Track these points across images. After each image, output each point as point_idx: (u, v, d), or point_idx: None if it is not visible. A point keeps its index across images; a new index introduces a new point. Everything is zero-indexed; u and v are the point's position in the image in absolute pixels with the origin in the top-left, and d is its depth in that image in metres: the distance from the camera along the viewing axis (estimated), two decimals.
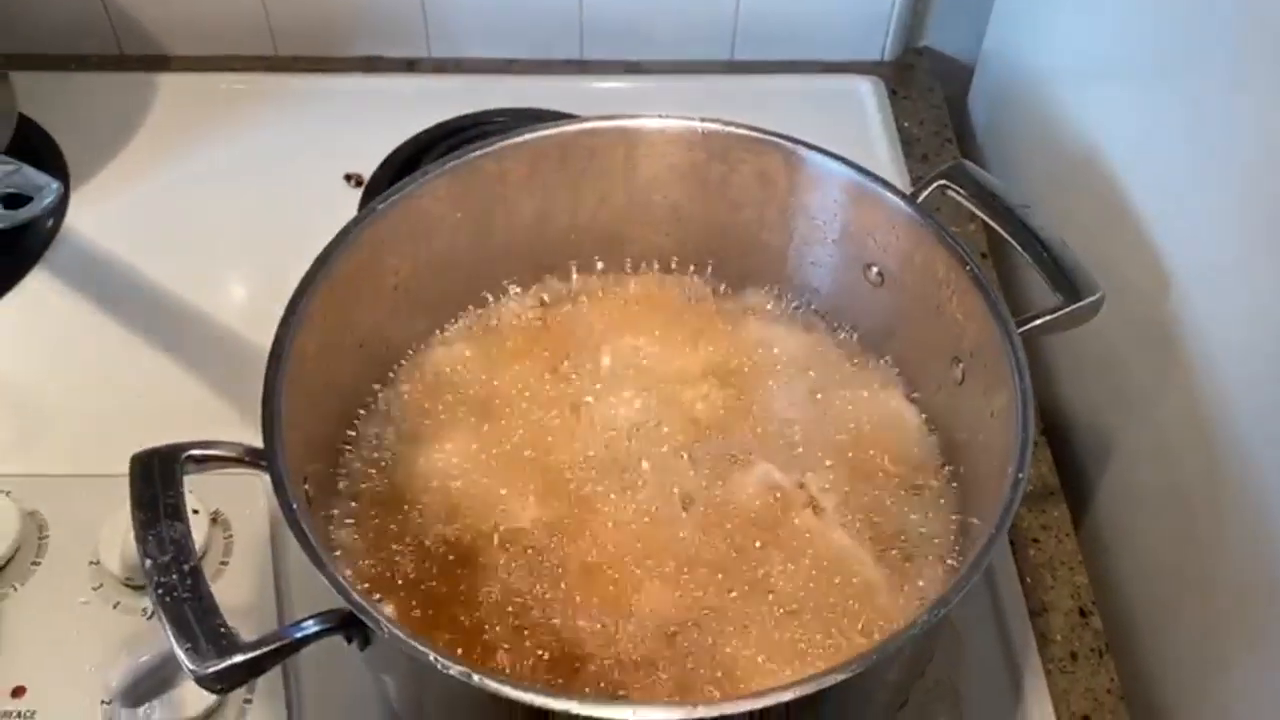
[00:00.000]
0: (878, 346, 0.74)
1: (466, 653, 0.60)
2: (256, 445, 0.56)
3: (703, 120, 0.71)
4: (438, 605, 0.62)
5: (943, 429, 0.69)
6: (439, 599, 0.62)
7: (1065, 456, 0.83)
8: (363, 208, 0.74)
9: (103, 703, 0.65)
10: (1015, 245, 0.67)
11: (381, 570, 0.63)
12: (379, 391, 0.71)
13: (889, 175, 0.70)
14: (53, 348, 0.85)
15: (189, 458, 0.56)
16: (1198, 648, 0.70)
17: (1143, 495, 0.76)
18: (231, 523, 0.73)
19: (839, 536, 0.65)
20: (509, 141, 0.70)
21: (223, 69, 1.04)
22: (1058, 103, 0.87)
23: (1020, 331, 0.62)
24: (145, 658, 0.66)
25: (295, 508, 0.54)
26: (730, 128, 0.71)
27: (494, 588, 0.62)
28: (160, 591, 0.51)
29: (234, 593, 0.70)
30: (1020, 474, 0.55)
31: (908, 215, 0.68)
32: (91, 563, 0.70)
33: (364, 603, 0.51)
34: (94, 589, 0.70)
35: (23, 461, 0.76)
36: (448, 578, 0.63)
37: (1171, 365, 0.71)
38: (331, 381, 0.66)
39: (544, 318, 0.75)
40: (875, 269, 0.71)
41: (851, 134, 0.98)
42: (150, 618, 0.69)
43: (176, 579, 0.51)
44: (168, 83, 1.02)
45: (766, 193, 0.73)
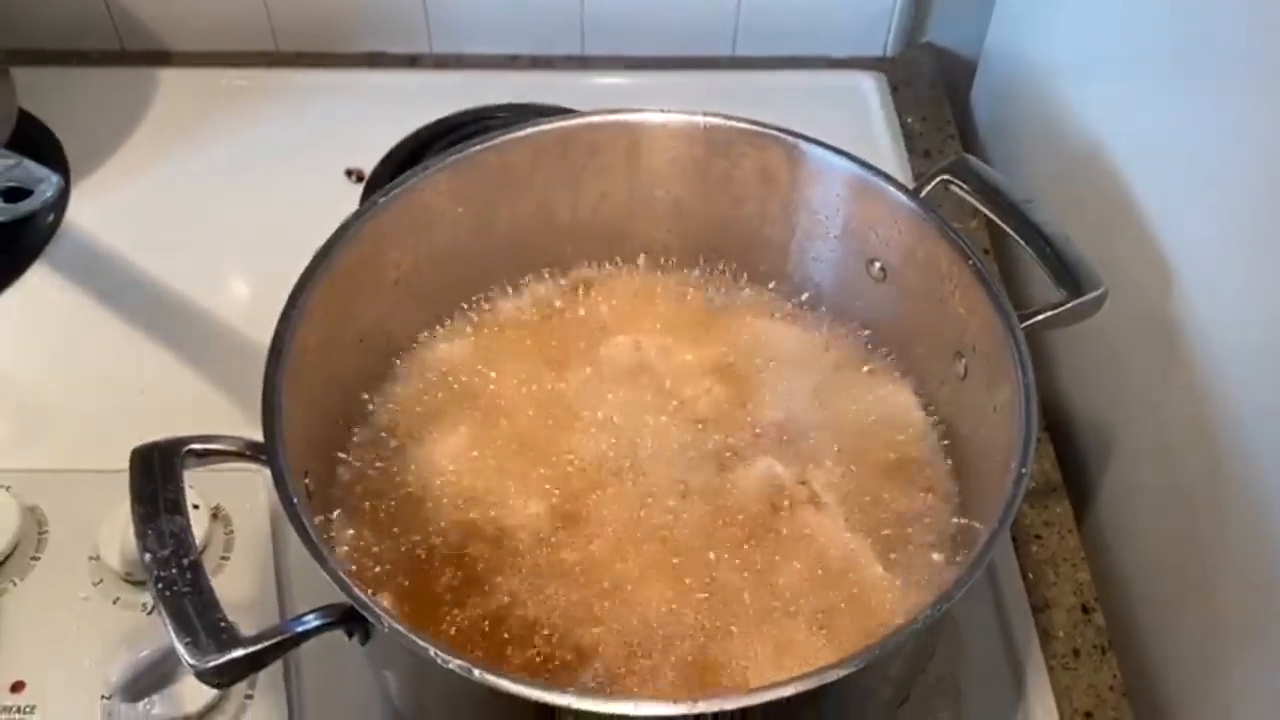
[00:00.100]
0: (880, 342, 0.73)
1: (467, 647, 0.60)
2: (258, 440, 0.56)
3: (705, 115, 0.71)
4: (438, 599, 0.62)
5: (945, 424, 0.69)
6: (439, 593, 0.62)
7: (1068, 453, 0.83)
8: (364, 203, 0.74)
9: (102, 698, 0.65)
10: (1018, 240, 0.67)
11: (382, 565, 0.63)
12: (380, 387, 0.71)
13: (891, 171, 0.70)
14: (53, 343, 0.84)
15: (189, 452, 0.55)
16: (1200, 645, 0.70)
17: (1145, 492, 0.76)
18: (232, 518, 0.72)
19: (841, 532, 0.65)
20: (510, 135, 0.70)
21: (224, 65, 1.04)
22: (1061, 98, 0.86)
23: (1023, 327, 0.61)
24: (145, 653, 0.66)
25: (295, 502, 0.54)
26: (732, 122, 0.71)
27: (494, 582, 0.62)
28: (160, 586, 0.50)
29: (235, 588, 0.70)
30: (1023, 469, 0.55)
31: (910, 210, 0.67)
32: (91, 558, 0.70)
33: (364, 597, 0.51)
34: (94, 584, 0.69)
35: (23, 456, 0.76)
36: (448, 572, 0.63)
37: (1174, 362, 0.71)
38: (332, 376, 0.66)
39: (545, 313, 0.75)
40: (877, 264, 0.71)
41: (854, 130, 0.98)
42: (150, 613, 0.68)
43: (176, 573, 0.51)
44: (168, 78, 1.02)
45: (768, 187, 0.72)
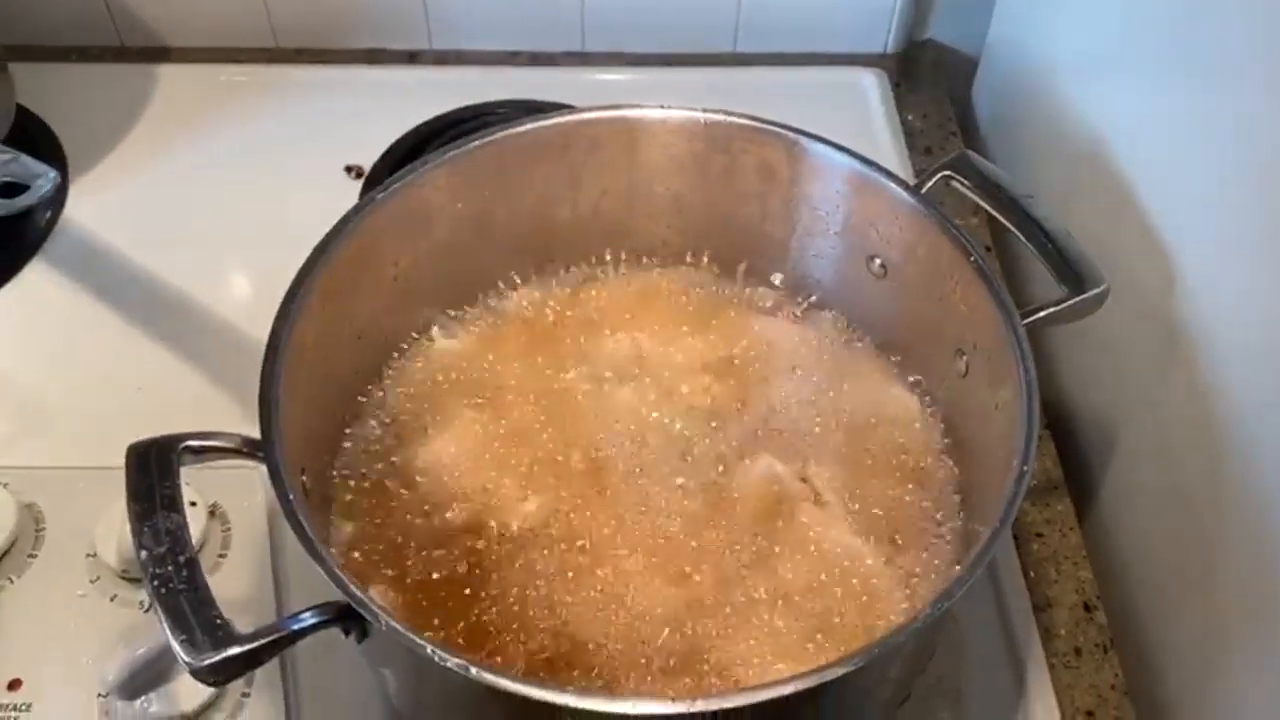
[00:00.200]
0: (881, 339, 0.73)
1: (465, 645, 0.60)
2: (255, 437, 0.56)
3: (705, 111, 0.71)
4: (436, 597, 0.62)
5: (946, 422, 0.69)
6: (437, 591, 0.62)
7: (1069, 450, 0.82)
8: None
9: (99, 696, 0.65)
10: (1020, 236, 0.66)
11: (379, 562, 0.63)
12: (378, 383, 0.71)
13: (892, 169, 0.70)
14: (50, 340, 0.84)
15: (186, 448, 0.55)
16: (1201, 643, 0.70)
17: (1146, 490, 0.76)
18: (230, 515, 0.72)
19: (841, 529, 0.64)
20: (510, 132, 0.70)
21: (223, 62, 1.03)
22: (1063, 96, 0.86)
23: (1025, 323, 0.61)
24: (142, 650, 0.65)
25: (292, 499, 0.54)
26: (733, 118, 0.70)
27: (492, 580, 0.62)
28: (156, 583, 0.50)
29: (232, 585, 0.69)
30: (1025, 467, 0.55)
31: (911, 206, 0.67)
32: (88, 555, 0.70)
33: (361, 595, 0.51)
34: (91, 582, 0.69)
35: (20, 453, 0.76)
36: (446, 570, 0.63)
37: (1175, 360, 0.70)
38: (330, 372, 0.66)
39: (545, 309, 0.75)
40: (878, 261, 0.71)
41: (854, 127, 0.97)
42: (147, 610, 0.68)
43: (172, 570, 0.50)
44: (167, 74, 1.02)
45: (769, 184, 0.72)
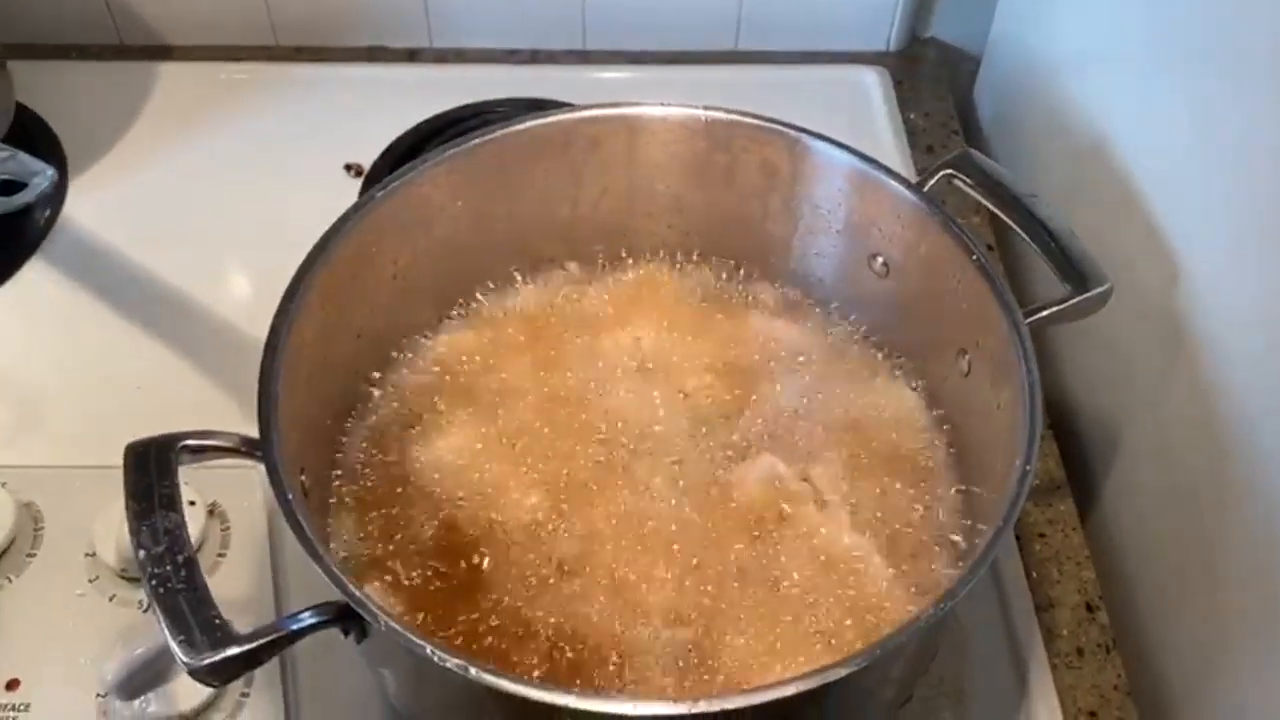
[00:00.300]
0: (883, 338, 0.73)
1: (464, 645, 0.59)
2: (254, 436, 0.56)
3: (706, 108, 0.71)
4: (435, 597, 0.61)
5: (948, 421, 0.69)
6: (437, 591, 0.62)
7: (1072, 450, 0.82)
8: None
9: (98, 696, 0.65)
10: (1023, 234, 0.66)
11: (379, 562, 0.63)
12: (377, 382, 0.70)
13: (894, 167, 0.69)
14: (49, 338, 0.84)
15: (184, 447, 0.55)
16: (1204, 644, 0.69)
17: (1149, 490, 0.76)
18: (229, 515, 0.72)
19: (843, 530, 0.64)
20: (510, 130, 0.70)
21: (223, 59, 1.03)
22: (1065, 93, 0.86)
23: (1028, 322, 0.61)
24: (141, 650, 0.65)
25: (291, 498, 0.53)
26: (734, 116, 0.70)
27: (492, 578, 0.62)
28: (154, 583, 0.50)
29: (231, 585, 0.69)
30: (1027, 466, 0.55)
31: (913, 204, 0.67)
32: (87, 555, 0.69)
33: (360, 595, 0.50)
34: (89, 581, 0.69)
35: (18, 452, 0.76)
36: (446, 569, 0.62)
37: (1179, 360, 0.70)
38: (329, 371, 0.65)
39: (545, 308, 0.74)
40: (880, 259, 0.71)
41: (856, 125, 0.97)
42: (146, 610, 0.68)
43: (171, 570, 0.50)
44: (167, 72, 1.01)
45: (770, 182, 0.72)
